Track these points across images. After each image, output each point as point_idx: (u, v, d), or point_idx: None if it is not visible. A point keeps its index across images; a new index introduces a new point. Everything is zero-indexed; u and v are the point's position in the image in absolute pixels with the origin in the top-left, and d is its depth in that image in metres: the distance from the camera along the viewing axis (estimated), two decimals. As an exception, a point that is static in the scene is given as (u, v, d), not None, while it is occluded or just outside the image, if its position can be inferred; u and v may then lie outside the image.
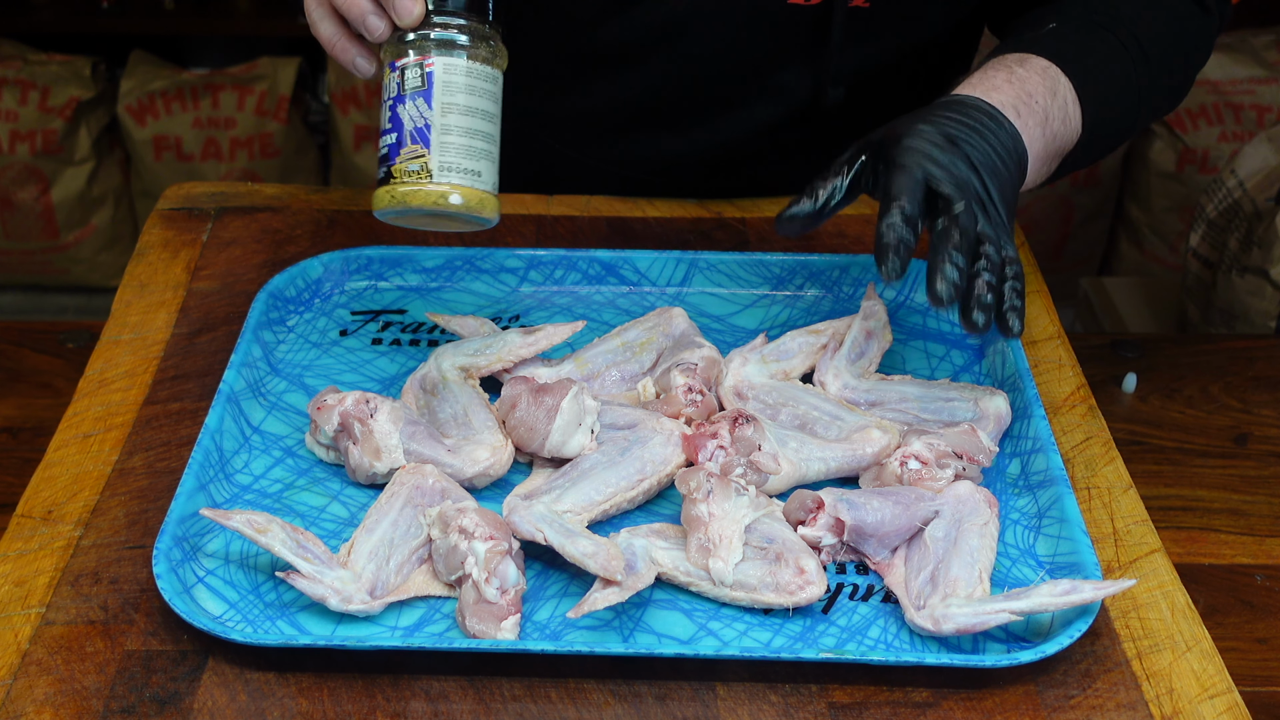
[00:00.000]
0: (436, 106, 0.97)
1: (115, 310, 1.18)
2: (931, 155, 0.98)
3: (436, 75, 0.97)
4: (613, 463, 0.99)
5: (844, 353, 1.10)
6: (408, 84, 0.97)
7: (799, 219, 0.99)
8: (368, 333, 1.16)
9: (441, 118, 0.96)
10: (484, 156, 0.98)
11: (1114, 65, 1.15)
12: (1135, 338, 1.38)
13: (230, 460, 1.02)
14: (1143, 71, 1.17)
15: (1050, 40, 1.14)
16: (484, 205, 0.99)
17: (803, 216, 1.00)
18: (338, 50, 1.01)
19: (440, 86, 0.97)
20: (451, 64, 0.97)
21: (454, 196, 0.96)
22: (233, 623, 0.90)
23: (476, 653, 0.88)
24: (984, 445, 1.00)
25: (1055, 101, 1.09)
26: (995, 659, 0.87)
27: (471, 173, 0.96)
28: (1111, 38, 1.16)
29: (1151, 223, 2.81)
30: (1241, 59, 2.73)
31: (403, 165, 0.96)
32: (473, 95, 0.97)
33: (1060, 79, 1.10)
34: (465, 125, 0.96)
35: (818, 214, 1.00)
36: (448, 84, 0.96)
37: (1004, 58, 1.11)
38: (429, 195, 0.96)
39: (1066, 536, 0.95)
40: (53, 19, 2.93)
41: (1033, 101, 1.06)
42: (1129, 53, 1.16)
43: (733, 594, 0.92)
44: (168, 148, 2.94)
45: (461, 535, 0.91)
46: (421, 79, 0.97)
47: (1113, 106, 1.15)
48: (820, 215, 1.00)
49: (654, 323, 1.12)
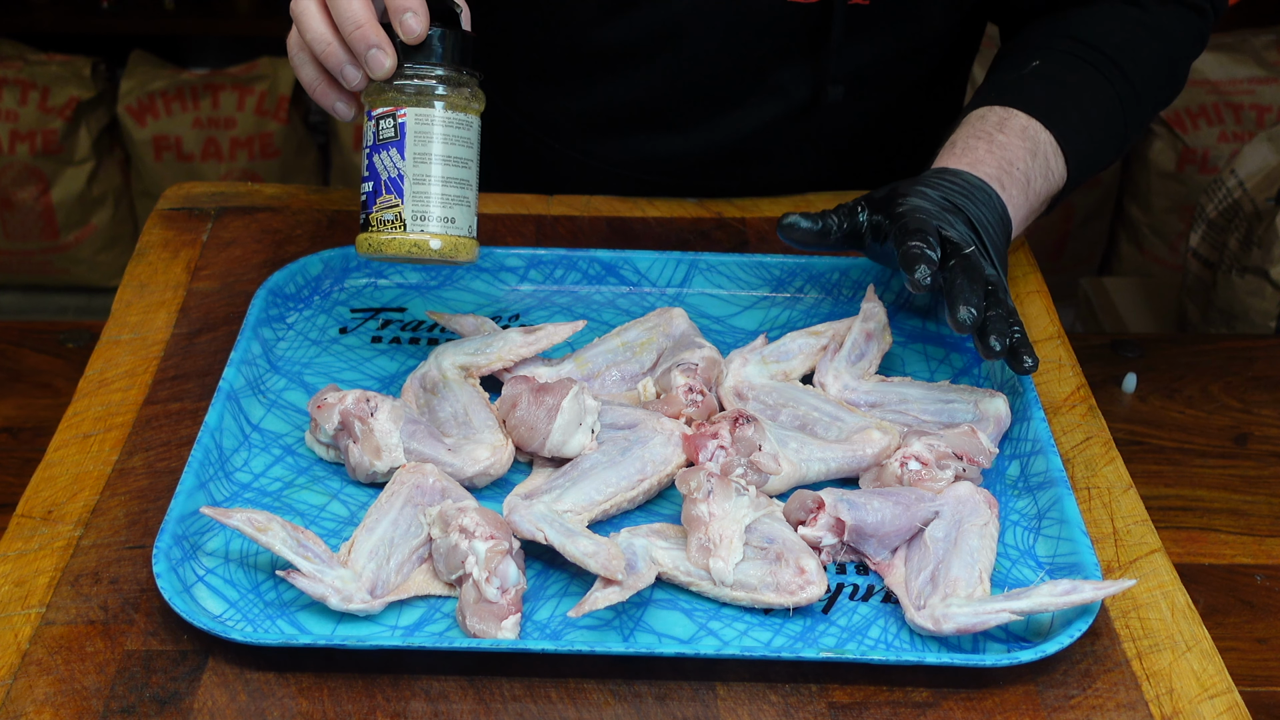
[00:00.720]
0: (409, 157, 0.98)
1: (115, 310, 1.19)
2: (935, 213, 1.04)
3: (409, 126, 0.98)
4: (613, 462, 0.99)
5: (844, 354, 1.10)
6: (381, 134, 0.99)
7: (798, 229, 1.08)
8: (367, 330, 1.16)
9: (414, 168, 0.98)
10: (458, 202, 0.99)
11: (1097, 107, 1.20)
12: (1135, 338, 1.38)
13: (230, 458, 1.02)
14: (1130, 107, 1.22)
15: (1032, 87, 1.19)
16: (459, 250, 1.00)
17: (800, 229, 1.08)
18: (318, 95, 1.02)
19: (412, 137, 0.98)
20: (423, 114, 0.98)
21: (431, 243, 0.99)
22: (233, 622, 0.90)
23: (477, 652, 0.88)
24: (984, 447, 1.00)
25: (1036, 162, 1.14)
26: (995, 659, 0.87)
27: (445, 220, 0.99)
28: (1098, 75, 1.20)
29: (1151, 223, 2.81)
30: (1241, 59, 2.73)
31: (379, 214, 0.99)
32: (446, 144, 0.98)
33: (1040, 135, 1.15)
34: (438, 174, 0.98)
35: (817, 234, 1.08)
36: (419, 134, 0.98)
37: (984, 121, 1.16)
38: (402, 244, 0.99)
39: (1066, 537, 0.95)
40: (53, 19, 2.93)
41: (1014, 170, 1.12)
42: (1115, 90, 1.21)
43: (733, 594, 0.92)
44: (168, 148, 2.94)
45: (462, 534, 0.91)
46: (394, 130, 0.98)
47: (1096, 146, 1.20)
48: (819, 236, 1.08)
49: (654, 323, 1.12)
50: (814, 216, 1.08)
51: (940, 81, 1.39)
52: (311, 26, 0.98)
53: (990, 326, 0.99)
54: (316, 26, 0.98)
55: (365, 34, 0.96)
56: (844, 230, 1.09)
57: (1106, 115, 1.20)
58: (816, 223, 1.08)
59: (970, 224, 1.06)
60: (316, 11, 0.98)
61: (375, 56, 0.97)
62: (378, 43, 0.97)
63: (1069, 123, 1.17)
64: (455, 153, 0.99)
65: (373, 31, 0.96)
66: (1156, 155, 2.76)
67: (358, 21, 0.96)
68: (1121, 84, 1.20)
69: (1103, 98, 1.20)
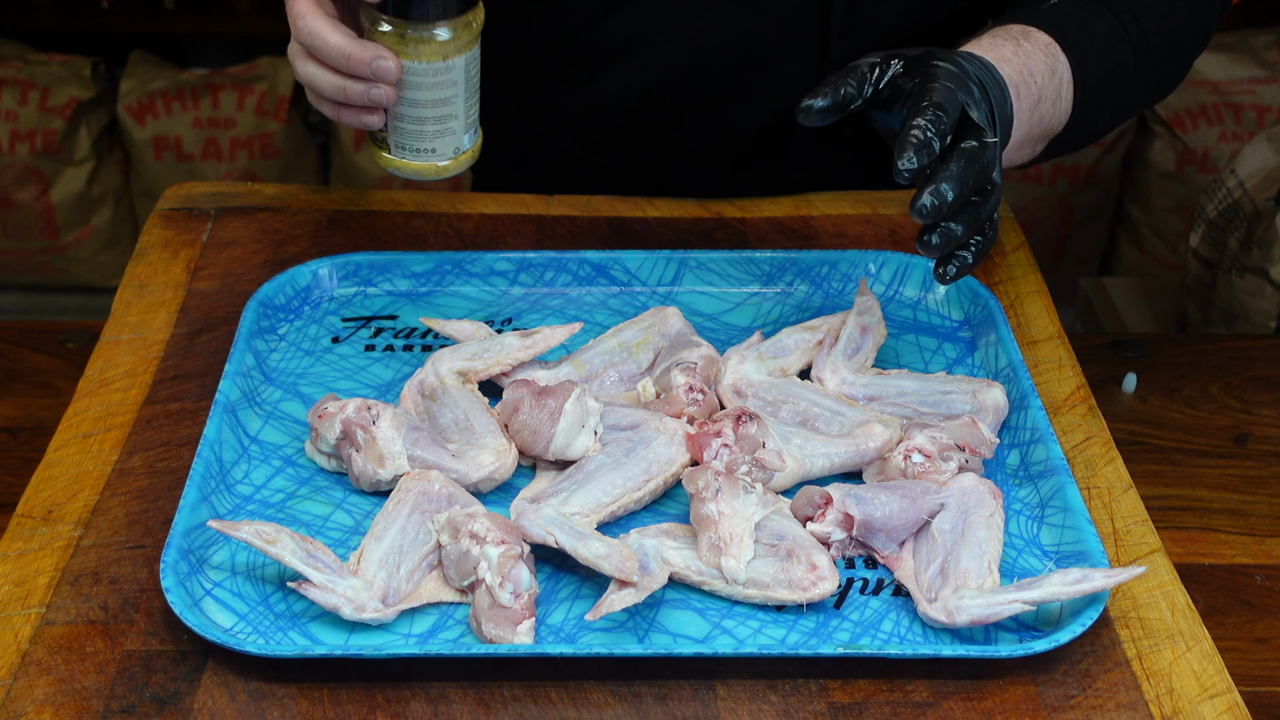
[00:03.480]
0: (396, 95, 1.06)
1: (115, 310, 1.18)
2: (968, 87, 0.98)
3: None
4: (618, 464, 0.99)
5: (840, 348, 1.10)
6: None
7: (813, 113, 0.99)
8: (360, 339, 1.16)
9: (396, 106, 1.05)
10: (437, 136, 1.06)
11: (1112, 50, 1.14)
12: (1135, 338, 1.38)
13: (230, 471, 1.02)
14: (1142, 59, 1.16)
15: (1054, 15, 1.12)
16: (441, 172, 1.08)
17: (819, 110, 0.99)
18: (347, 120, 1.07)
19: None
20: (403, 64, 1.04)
21: (407, 169, 1.08)
22: (245, 635, 0.90)
23: (495, 658, 0.88)
24: (985, 437, 1.01)
25: (1051, 82, 1.08)
26: (1010, 649, 0.87)
27: (425, 151, 1.07)
28: (1115, 21, 1.15)
29: (1151, 223, 2.81)
30: (1241, 59, 2.73)
31: (380, 133, 1.08)
32: (420, 90, 1.04)
33: (1059, 58, 1.09)
34: (414, 114, 1.05)
35: (839, 107, 0.99)
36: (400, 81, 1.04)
37: (1009, 28, 1.09)
38: (388, 163, 1.09)
39: (1071, 525, 0.96)
40: (53, 19, 2.93)
41: (1031, 80, 1.06)
42: (1130, 37, 1.15)
43: (745, 592, 0.92)
44: (168, 148, 2.94)
45: (473, 540, 0.91)
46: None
47: (1106, 92, 1.14)
48: (841, 109, 0.99)
49: (649, 322, 1.12)
50: (826, 89, 0.99)
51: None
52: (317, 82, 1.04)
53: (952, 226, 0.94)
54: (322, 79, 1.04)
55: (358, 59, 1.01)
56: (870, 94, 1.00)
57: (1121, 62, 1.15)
58: (833, 94, 0.99)
59: (991, 114, 0.99)
60: (316, 69, 1.04)
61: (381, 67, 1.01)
62: (373, 56, 1.01)
63: (1086, 59, 1.11)
64: (434, 95, 1.04)
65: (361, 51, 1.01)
66: (1156, 155, 2.76)
67: (345, 52, 1.01)
68: (1137, 35, 1.15)
69: (1120, 44, 1.14)
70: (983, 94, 0.99)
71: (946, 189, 0.93)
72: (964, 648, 0.88)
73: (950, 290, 1.19)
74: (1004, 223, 1.31)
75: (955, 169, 0.94)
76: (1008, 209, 1.31)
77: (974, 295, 1.18)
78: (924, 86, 0.96)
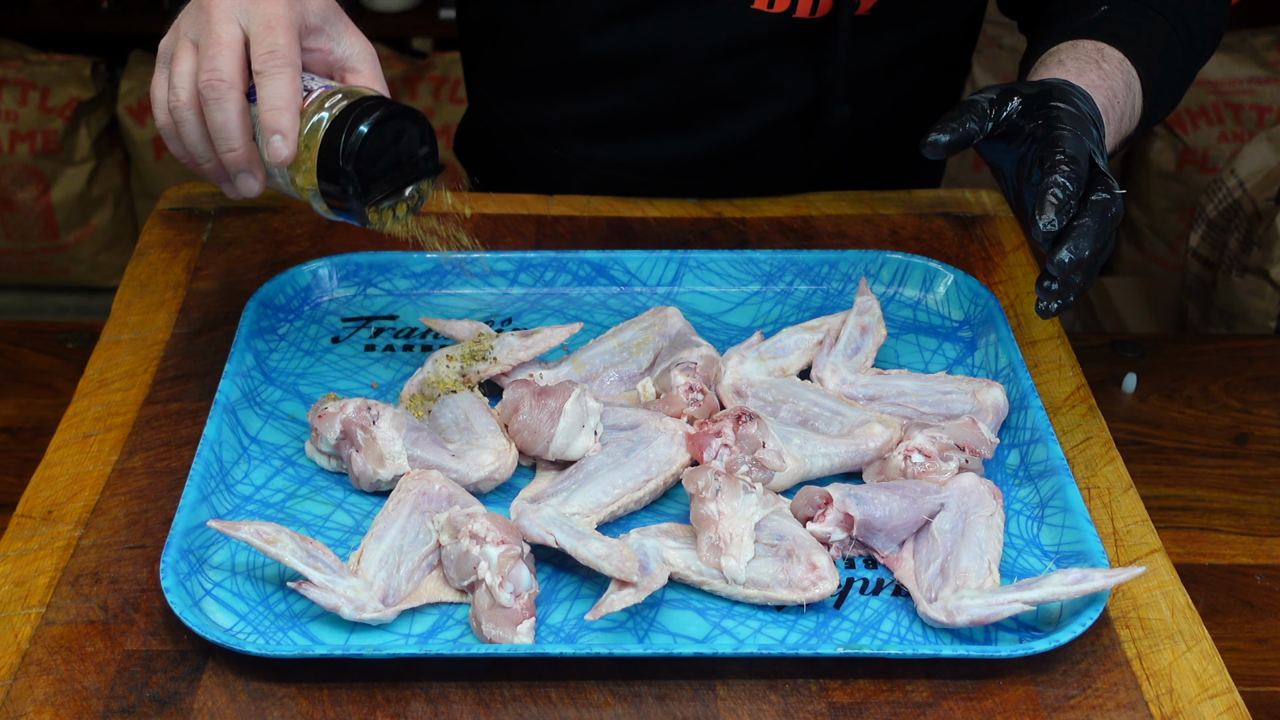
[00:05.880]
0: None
1: (115, 310, 1.18)
2: (1090, 131, 0.98)
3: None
4: (618, 464, 0.99)
5: (840, 348, 1.10)
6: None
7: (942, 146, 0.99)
8: (360, 339, 1.16)
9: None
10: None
11: (1169, 54, 1.15)
12: (1135, 338, 1.38)
13: (230, 471, 1.02)
14: (1190, 59, 1.17)
15: (1114, 26, 1.12)
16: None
17: (944, 145, 0.99)
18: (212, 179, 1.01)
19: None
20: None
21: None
22: (245, 635, 0.90)
23: (495, 658, 0.88)
24: (985, 437, 1.01)
25: (1129, 99, 1.09)
26: (1010, 649, 0.87)
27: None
28: (1165, 24, 1.15)
29: (1151, 223, 2.81)
30: (1241, 59, 2.73)
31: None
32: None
33: (1132, 73, 1.10)
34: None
35: (962, 142, 1.00)
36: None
37: (1082, 46, 1.09)
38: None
39: (1071, 525, 0.96)
40: (53, 19, 2.93)
41: (1115, 102, 1.07)
42: (1179, 39, 1.16)
43: (746, 592, 0.92)
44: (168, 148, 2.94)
45: (473, 540, 0.91)
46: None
47: (1166, 92, 1.15)
48: (964, 144, 1.00)
49: (649, 322, 1.12)
50: (950, 123, 0.99)
51: (940, 80, 1.39)
52: (188, 140, 0.98)
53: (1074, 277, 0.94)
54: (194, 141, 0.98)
55: (237, 158, 0.96)
56: (990, 129, 1.00)
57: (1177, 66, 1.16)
58: (957, 129, 0.99)
59: (1102, 152, 0.99)
60: (196, 122, 0.97)
61: (244, 180, 0.97)
62: (248, 168, 0.96)
63: (1152, 70, 1.12)
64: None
65: (244, 156, 0.96)
66: (1156, 155, 2.76)
67: (231, 145, 0.95)
68: (1185, 35, 1.16)
69: (1173, 48, 1.15)
70: (1100, 135, 1.00)
71: (1084, 245, 0.93)
72: (964, 648, 0.87)
73: (950, 290, 1.19)
74: (1004, 223, 1.31)
75: (1091, 224, 0.94)
76: (1008, 209, 1.31)
77: (974, 295, 1.18)
78: (1051, 135, 0.96)
